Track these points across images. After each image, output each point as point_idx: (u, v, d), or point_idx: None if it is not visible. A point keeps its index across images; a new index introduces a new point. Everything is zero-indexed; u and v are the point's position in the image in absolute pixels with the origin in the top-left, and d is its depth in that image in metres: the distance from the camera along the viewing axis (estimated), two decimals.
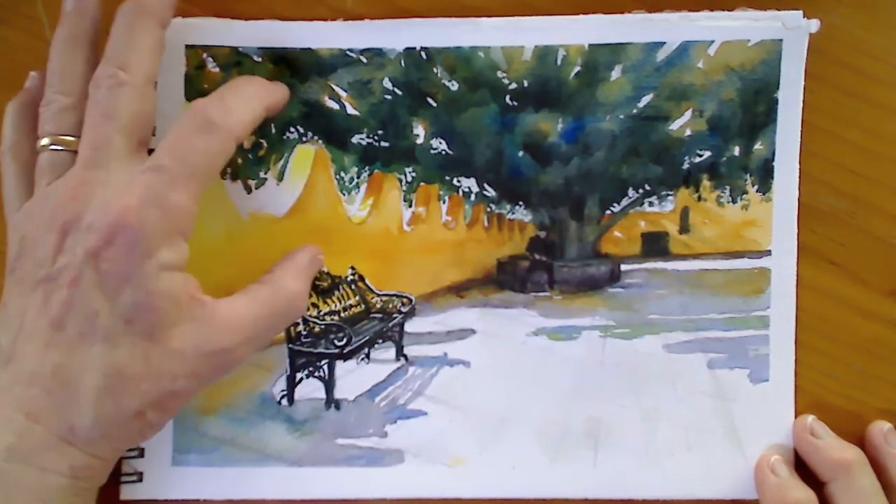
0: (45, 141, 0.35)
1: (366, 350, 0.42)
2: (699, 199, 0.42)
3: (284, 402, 0.41)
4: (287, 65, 0.41)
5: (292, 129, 0.42)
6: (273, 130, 0.42)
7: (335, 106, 0.42)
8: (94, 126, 0.34)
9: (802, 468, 0.40)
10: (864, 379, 0.41)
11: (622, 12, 0.40)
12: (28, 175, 0.36)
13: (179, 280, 0.33)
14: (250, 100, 0.36)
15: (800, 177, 0.41)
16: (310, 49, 0.41)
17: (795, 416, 0.41)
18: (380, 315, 0.42)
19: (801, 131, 0.41)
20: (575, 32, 0.41)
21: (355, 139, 0.42)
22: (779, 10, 0.40)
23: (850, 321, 0.42)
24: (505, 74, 0.41)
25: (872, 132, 0.41)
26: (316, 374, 0.42)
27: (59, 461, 0.32)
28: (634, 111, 0.41)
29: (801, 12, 0.40)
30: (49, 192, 0.34)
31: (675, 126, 0.41)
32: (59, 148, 0.35)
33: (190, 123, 0.34)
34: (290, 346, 0.42)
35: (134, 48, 0.35)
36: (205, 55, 0.41)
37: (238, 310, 0.35)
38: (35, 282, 0.33)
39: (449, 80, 0.41)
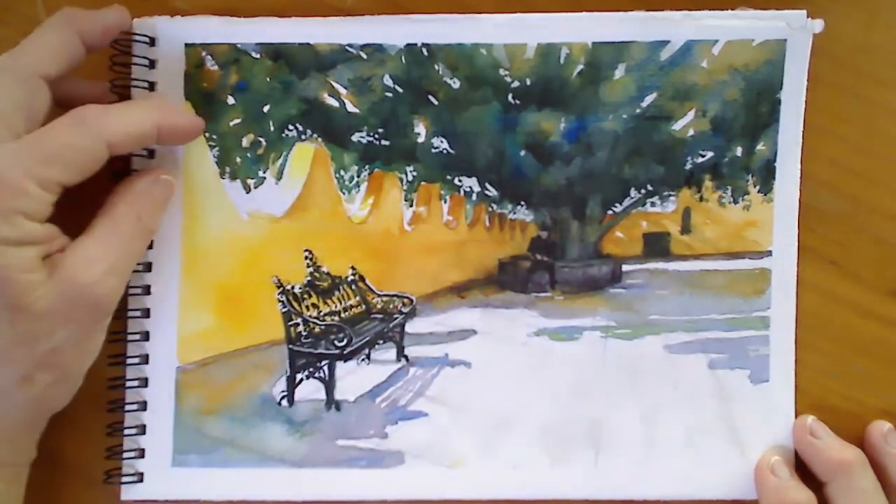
0: None
1: (366, 351, 0.42)
2: (701, 199, 0.41)
3: (285, 402, 0.41)
4: (286, 61, 0.41)
5: (291, 127, 0.42)
6: (272, 128, 0.41)
7: (335, 103, 0.41)
8: None
9: (802, 468, 0.40)
10: (864, 379, 0.42)
11: (626, 11, 0.40)
12: None
13: (29, 253, 0.33)
14: (138, 114, 0.36)
15: (800, 177, 0.41)
16: (308, 44, 0.41)
17: (795, 417, 0.41)
18: (380, 315, 0.42)
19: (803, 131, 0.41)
20: (578, 30, 0.40)
21: (355, 137, 0.42)
22: (779, 10, 0.40)
23: (850, 321, 0.42)
24: (507, 72, 0.41)
25: (873, 132, 0.41)
26: (316, 374, 0.41)
27: None
28: (637, 111, 0.41)
29: (804, 12, 0.40)
30: None
31: (678, 126, 0.41)
32: None
33: (64, 118, 0.34)
34: (291, 346, 0.41)
35: (33, 41, 0.35)
36: (204, 53, 0.41)
37: (87, 248, 0.35)
38: None
39: (450, 78, 0.41)
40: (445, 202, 0.42)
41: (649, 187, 0.41)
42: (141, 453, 0.41)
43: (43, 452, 0.38)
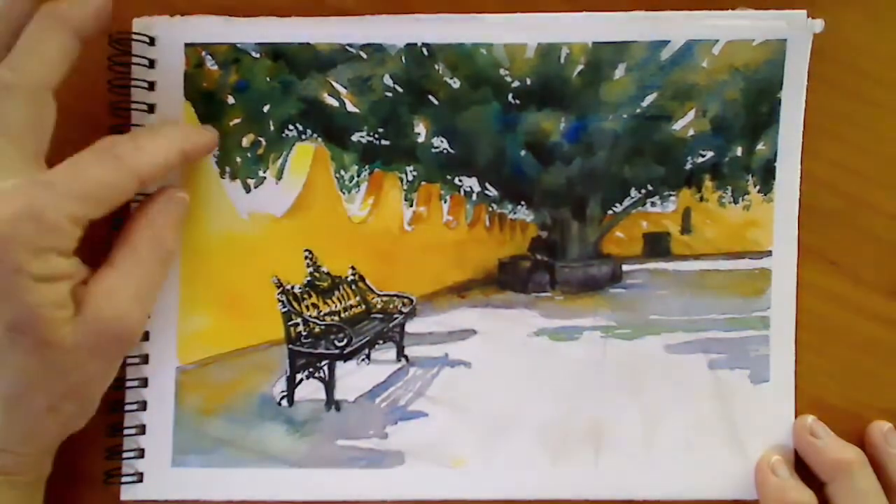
0: None
1: (366, 351, 0.42)
2: (701, 199, 0.41)
3: (284, 402, 0.41)
4: (285, 61, 0.41)
5: (291, 127, 0.42)
6: (272, 128, 0.41)
7: (335, 103, 0.41)
8: None
9: (802, 468, 0.40)
10: (864, 379, 0.42)
11: (626, 11, 0.40)
12: None
13: (61, 289, 0.33)
14: (165, 144, 0.36)
15: (801, 177, 0.41)
16: (308, 44, 0.41)
17: (795, 417, 0.41)
18: (380, 315, 0.42)
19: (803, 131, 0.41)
20: (578, 30, 0.40)
21: (355, 137, 0.42)
22: (779, 10, 0.40)
23: (850, 321, 0.42)
24: (507, 72, 0.41)
25: (872, 132, 0.41)
26: (316, 374, 0.41)
27: None
28: (638, 111, 0.41)
29: (805, 12, 0.40)
30: None
31: (678, 126, 0.41)
32: None
33: (94, 150, 0.34)
34: (290, 346, 0.41)
35: (33, 52, 0.34)
36: (203, 53, 0.41)
37: (110, 280, 0.35)
38: None
39: (450, 78, 0.41)
40: (445, 202, 0.42)
41: (649, 187, 0.41)
42: (141, 453, 0.40)
43: None
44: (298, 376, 0.41)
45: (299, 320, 0.41)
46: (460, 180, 0.42)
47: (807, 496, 0.38)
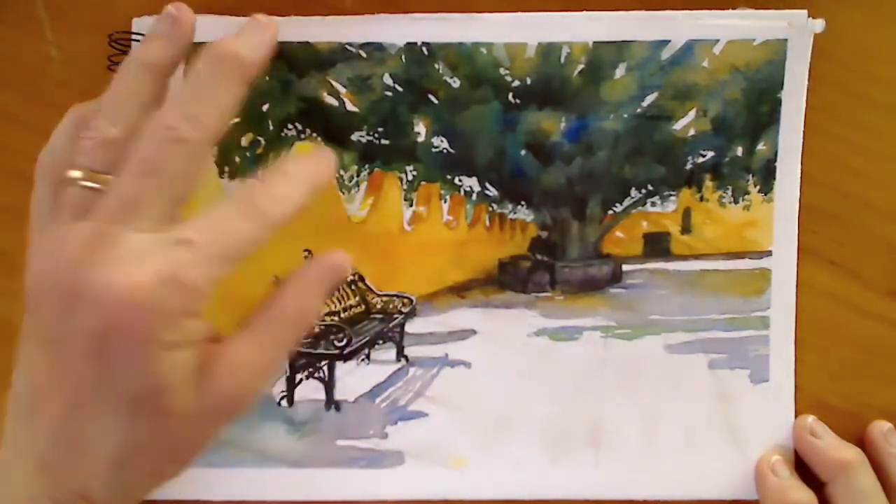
0: (75, 173, 0.31)
1: (366, 351, 0.42)
2: (701, 199, 0.41)
3: (284, 402, 0.41)
4: (284, 59, 0.41)
5: (290, 126, 0.41)
6: (271, 127, 0.41)
7: (334, 102, 0.41)
8: (131, 177, 0.30)
9: (801, 468, 0.40)
10: (864, 379, 0.42)
11: (626, 10, 0.40)
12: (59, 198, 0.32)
13: (188, 357, 0.30)
14: (300, 186, 0.32)
15: (801, 177, 0.41)
16: (307, 43, 0.41)
17: (795, 417, 0.41)
18: (380, 315, 0.42)
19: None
20: (579, 29, 0.40)
21: (355, 137, 0.41)
22: (780, 9, 0.40)
23: (850, 321, 0.42)
24: (507, 72, 0.41)
25: (872, 132, 0.41)
26: (316, 374, 0.41)
27: None
28: (638, 110, 0.41)
29: (805, 12, 0.40)
30: (63, 236, 0.30)
31: (678, 126, 0.41)
32: (91, 185, 0.31)
33: (235, 205, 0.31)
34: None
35: (211, 103, 0.31)
36: None
37: (242, 352, 0.32)
38: (43, 340, 0.29)
39: (450, 77, 0.41)
40: (445, 202, 0.42)
41: (650, 187, 0.41)
42: None
43: None
44: (298, 376, 0.41)
45: None
46: (460, 180, 0.42)
47: (807, 496, 0.38)
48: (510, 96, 0.41)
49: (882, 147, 0.41)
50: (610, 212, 0.42)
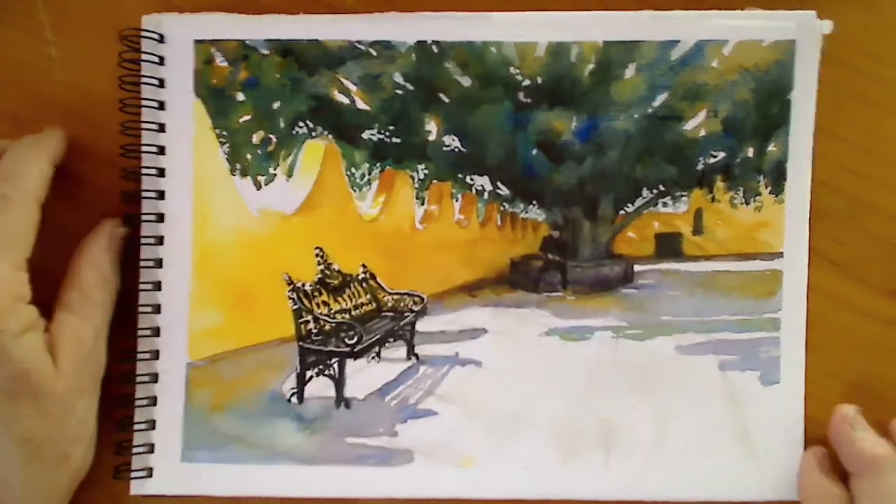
0: None
1: (377, 349, 0.42)
2: (713, 200, 0.41)
3: (294, 399, 0.41)
4: (295, 57, 0.41)
5: (301, 124, 0.41)
6: (282, 125, 0.41)
7: (345, 100, 0.41)
8: None
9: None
10: (873, 381, 0.41)
11: (636, 10, 0.40)
12: None
13: (36, 339, 0.35)
14: (33, 160, 0.37)
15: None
16: (317, 41, 0.41)
17: (805, 418, 0.41)
18: (391, 314, 0.42)
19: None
20: (589, 29, 0.40)
21: (366, 135, 0.41)
22: (788, 10, 0.40)
23: (858, 323, 0.41)
24: (518, 71, 0.41)
25: (873, 133, 0.41)
26: (326, 372, 0.41)
27: None
28: (649, 110, 0.41)
29: (814, 13, 0.40)
30: None
31: (689, 126, 0.41)
32: None
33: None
34: (301, 343, 0.41)
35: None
36: (213, 49, 0.41)
37: (72, 324, 0.37)
38: None
39: (461, 76, 0.41)
40: (457, 201, 0.42)
41: (661, 187, 0.41)
42: (150, 448, 0.40)
43: None
44: (308, 373, 0.41)
45: (310, 318, 0.41)
46: (472, 179, 0.42)
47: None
48: (521, 95, 0.41)
49: (882, 147, 0.41)
50: (622, 212, 0.42)
